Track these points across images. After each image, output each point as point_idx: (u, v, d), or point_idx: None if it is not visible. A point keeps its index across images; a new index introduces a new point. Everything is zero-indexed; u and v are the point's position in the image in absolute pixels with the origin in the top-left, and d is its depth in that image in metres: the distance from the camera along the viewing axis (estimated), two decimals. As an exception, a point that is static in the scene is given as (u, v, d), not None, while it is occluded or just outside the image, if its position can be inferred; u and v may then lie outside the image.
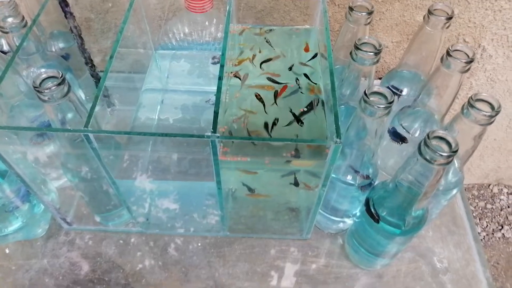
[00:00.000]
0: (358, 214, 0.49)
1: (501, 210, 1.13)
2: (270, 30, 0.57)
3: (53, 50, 0.60)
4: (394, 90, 0.56)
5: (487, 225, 1.10)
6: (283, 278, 0.52)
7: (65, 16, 0.53)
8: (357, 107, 0.39)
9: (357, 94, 0.48)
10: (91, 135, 0.37)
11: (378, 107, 0.37)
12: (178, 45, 0.59)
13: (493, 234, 1.09)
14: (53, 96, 0.37)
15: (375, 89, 0.38)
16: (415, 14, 0.70)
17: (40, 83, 0.37)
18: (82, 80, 0.63)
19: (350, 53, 0.44)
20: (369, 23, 0.48)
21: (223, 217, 0.51)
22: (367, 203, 0.45)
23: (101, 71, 0.63)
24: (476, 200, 1.14)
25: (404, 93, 0.56)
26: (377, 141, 0.42)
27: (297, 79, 0.52)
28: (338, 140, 0.37)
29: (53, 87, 0.36)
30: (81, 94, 0.61)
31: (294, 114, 0.49)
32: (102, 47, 0.75)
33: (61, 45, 0.61)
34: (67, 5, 0.52)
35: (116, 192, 0.46)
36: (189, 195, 0.55)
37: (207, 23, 0.56)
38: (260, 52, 0.54)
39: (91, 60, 0.59)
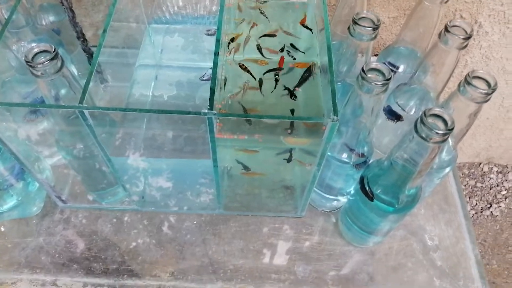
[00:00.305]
0: (352, 192, 0.50)
1: (490, 189, 1.14)
2: (265, 2, 0.56)
3: (43, 23, 0.58)
4: (390, 66, 0.55)
5: (476, 203, 1.12)
6: (277, 256, 0.53)
7: (55, -12, 0.51)
8: (354, 84, 0.39)
9: (354, 71, 0.48)
10: (86, 112, 0.36)
11: (376, 84, 0.37)
12: (172, 19, 0.57)
13: (481, 212, 1.11)
14: (46, 71, 0.36)
15: (373, 65, 0.38)
16: (413, -10, 0.69)
17: (33, 58, 0.36)
18: (74, 55, 0.61)
19: (348, 28, 0.43)
20: (367, -2, 0.47)
21: (218, 195, 0.51)
22: (361, 181, 0.46)
23: (93, 46, 0.61)
24: (467, 179, 1.16)
25: (400, 70, 0.55)
26: (374, 119, 0.42)
27: (288, 52, 0.52)
28: (335, 117, 0.37)
29: (46, 62, 0.36)
30: (74, 70, 0.60)
31: (288, 89, 0.49)
32: (93, 20, 0.73)
33: (51, 18, 0.59)
34: (56, -24, 0.50)
35: (111, 170, 0.46)
36: (184, 173, 0.55)
37: (201, -3, 0.55)
38: (256, 25, 0.54)
39: (83, 35, 0.57)
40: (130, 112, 0.48)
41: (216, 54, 0.42)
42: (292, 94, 0.48)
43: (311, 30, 0.53)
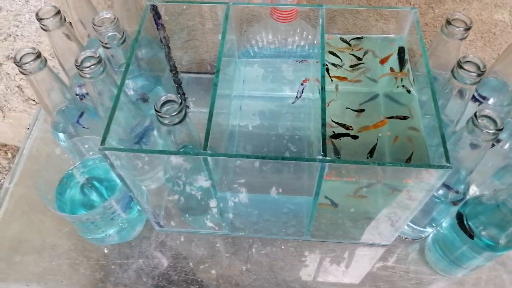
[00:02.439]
0: (445, 225, 0.50)
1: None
2: (356, 38, 0.57)
3: (139, 57, 0.62)
4: (479, 98, 0.55)
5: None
6: (365, 283, 0.54)
7: (157, 28, 0.55)
8: (464, 128, 0.40)
9: (448, 109, 0.48)
10: (209, 158, 0.39)
11: (487, 132, 0.38)
12: (260, 53, 0.60)
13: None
14: (173, 121, 0.39)
15: (486, 112, 0.38)
16: (494, 13, 0.68)
17: (160, 107, 0.39)
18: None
19: (452, 70, 0.43)
20: (465, 38, 0.48)
21: (309, 225, 0.53)
22: (459, 217, 0.46)
23: (183, 72, 0.65)
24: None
25: (490, 102, 0.55)
26: (478, 161, 0.42)
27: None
28: (448, 164, 0.38)
29: (174, 113, 0.39)
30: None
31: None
32: (174, 46, 0.77)
33: (144, 51, 0.63)
34: (159, 17, 0.54)
35: (215, 203, 0.49)
36: (274, 203, 0.57)
37: (291, 32, 0.57)
38: (349, 54, 0.56)
39: (175, 68, 0.61)
40: (230, 147, 0.51)
41: (323, 89, 0.43)
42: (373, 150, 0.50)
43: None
